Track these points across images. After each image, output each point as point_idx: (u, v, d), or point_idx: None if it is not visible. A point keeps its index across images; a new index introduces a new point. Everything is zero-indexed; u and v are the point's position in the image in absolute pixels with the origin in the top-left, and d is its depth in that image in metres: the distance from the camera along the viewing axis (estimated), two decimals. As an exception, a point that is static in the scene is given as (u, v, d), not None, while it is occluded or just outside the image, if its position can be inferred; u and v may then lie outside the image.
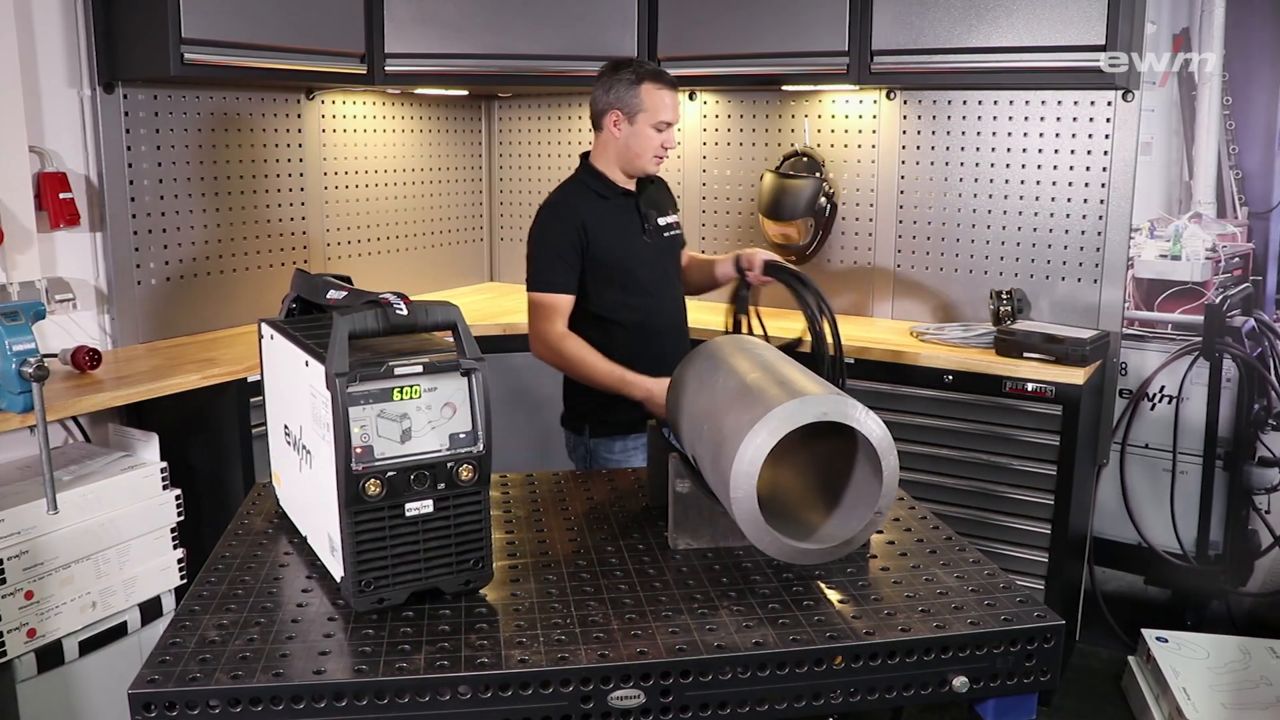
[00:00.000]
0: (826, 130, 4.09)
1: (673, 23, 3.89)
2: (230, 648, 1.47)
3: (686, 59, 3.89)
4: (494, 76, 3.99)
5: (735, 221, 4.33)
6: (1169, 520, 3.72)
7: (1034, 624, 1.56)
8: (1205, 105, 3.50)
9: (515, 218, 4.90)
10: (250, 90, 3.76)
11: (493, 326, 3.87)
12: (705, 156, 4.38)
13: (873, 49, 3.56)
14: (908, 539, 1.92)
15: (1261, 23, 3.39)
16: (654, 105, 2.85)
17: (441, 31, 3.82)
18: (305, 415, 1.67)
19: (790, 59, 3.72)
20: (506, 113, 4.83)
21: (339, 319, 1.51)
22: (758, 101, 4.23)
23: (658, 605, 1.62)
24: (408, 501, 1.55)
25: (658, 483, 2.01)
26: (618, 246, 2.90)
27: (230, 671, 1.40)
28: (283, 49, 3.41)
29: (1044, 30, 3.31)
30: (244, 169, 3.78)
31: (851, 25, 3.59)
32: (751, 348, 1.95)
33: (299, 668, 1.42)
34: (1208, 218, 3.54)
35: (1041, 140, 3.71)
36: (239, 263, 3.79)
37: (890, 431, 1.65)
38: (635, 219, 2.96)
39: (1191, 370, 3.62)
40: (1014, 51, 3.37)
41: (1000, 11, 3.36)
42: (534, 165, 4.81)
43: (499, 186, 4.92)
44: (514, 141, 4.84)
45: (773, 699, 1.48)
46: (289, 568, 1.78)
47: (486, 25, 3.88)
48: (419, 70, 3.84)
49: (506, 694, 1.41)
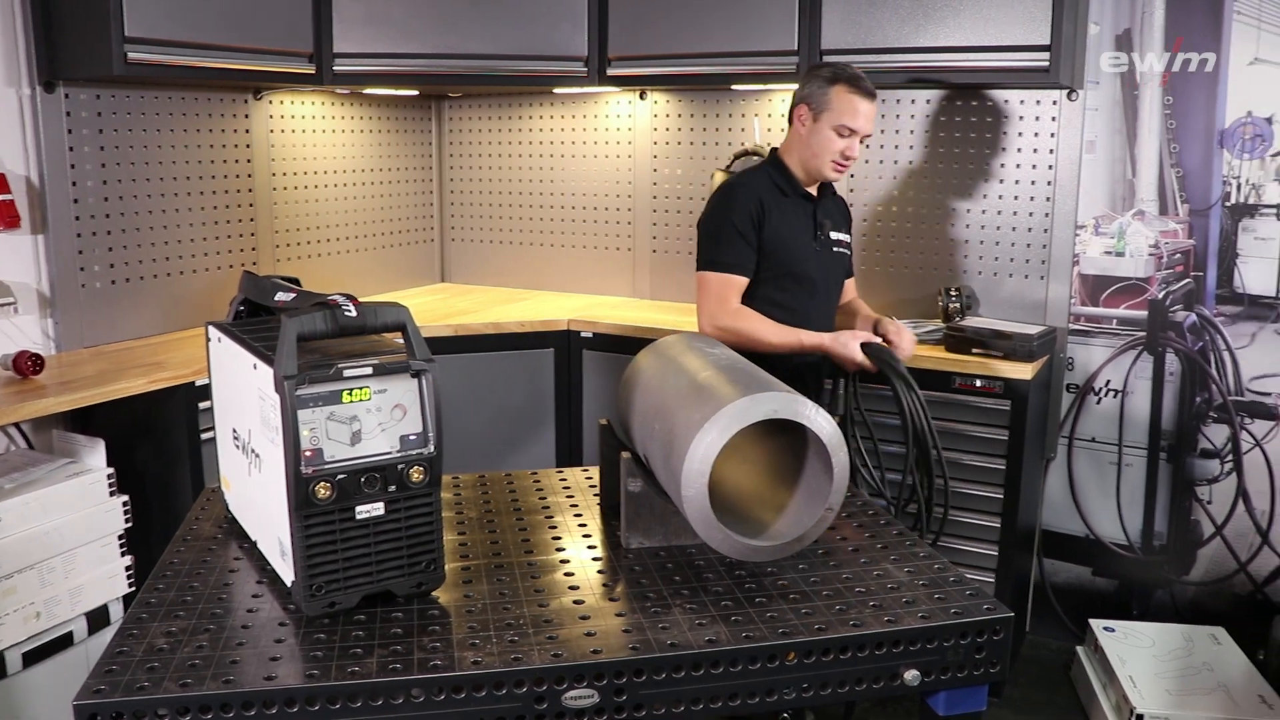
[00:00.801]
0: (777, 129, 4.11)
1: (623, 22, 3.90)
2: (179, 655, 1.46)
3: (636, 59, 3.89)
4: (444, 76, 3.97)
5: (686, 221, 4.34)
6: (1115, 512, 3.78)
7: (984, 617, 1.58)
8: (1146, 105, 3.56)
9: (466, 218, 4.88)
10: (196, 90, 3.71)
11: (444, 327, 3.85)
12: (656, 156, 4.39)
13: (822, 49, 3.58)
14: (859, 535, 1.93)
15: (1200, 24, 3.46)
16: (841, 107, 2.80)
17: (391, 31, 3.80)
18: (254, 419, 1.65)
19: (740, 58, 3.74)
20: (456, 113, 4.81)
21: (287, 321, 1.50)
22: (708, 101, 4.25)
23: (611, 604, 1.63)
24: (358, 504, 1.54)
25: (610, 482, 2.01)
26: (789, 241, 2.86)
27: (179, 680, 1.39)
28: (229, 48, 3.37)
29: (990, 30, 3.35)
30: (190, 170, 3.73)
31: (801, 25, 3.61)
32: (702, 345, 1.95)
33: (250, 674, 1.41)
34: (1150, 215, 3.60)
35: (988, 139, 3.75)
36: (186, 265, 3.75)
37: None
38: (809, 222, 2.92)
39: (1136, 365, 3.68)
40: (960, 51, 3.40)
41: (948, 12, 3.39)
42: (484, 165, 4.79)
43: (449, 187, 4.90)
44: (464, 141, 4.83)
45: (726, 696, 1.49)
46: (239, 573, 1.76)
47: (436, 25, 3.86)
48: (368, 70, 3.82)
49: (460, 696, 1.41)
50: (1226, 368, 3.56)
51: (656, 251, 4.44)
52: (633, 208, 4.48)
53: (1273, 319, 3.49)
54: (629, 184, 4.47)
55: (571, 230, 4.64)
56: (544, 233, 4.71)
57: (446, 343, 3.79)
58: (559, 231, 4.67)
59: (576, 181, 4.60)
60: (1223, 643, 3.44)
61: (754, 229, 2.82)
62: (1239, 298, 3.53)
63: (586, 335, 3.93)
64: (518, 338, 3.93)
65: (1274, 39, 3.37)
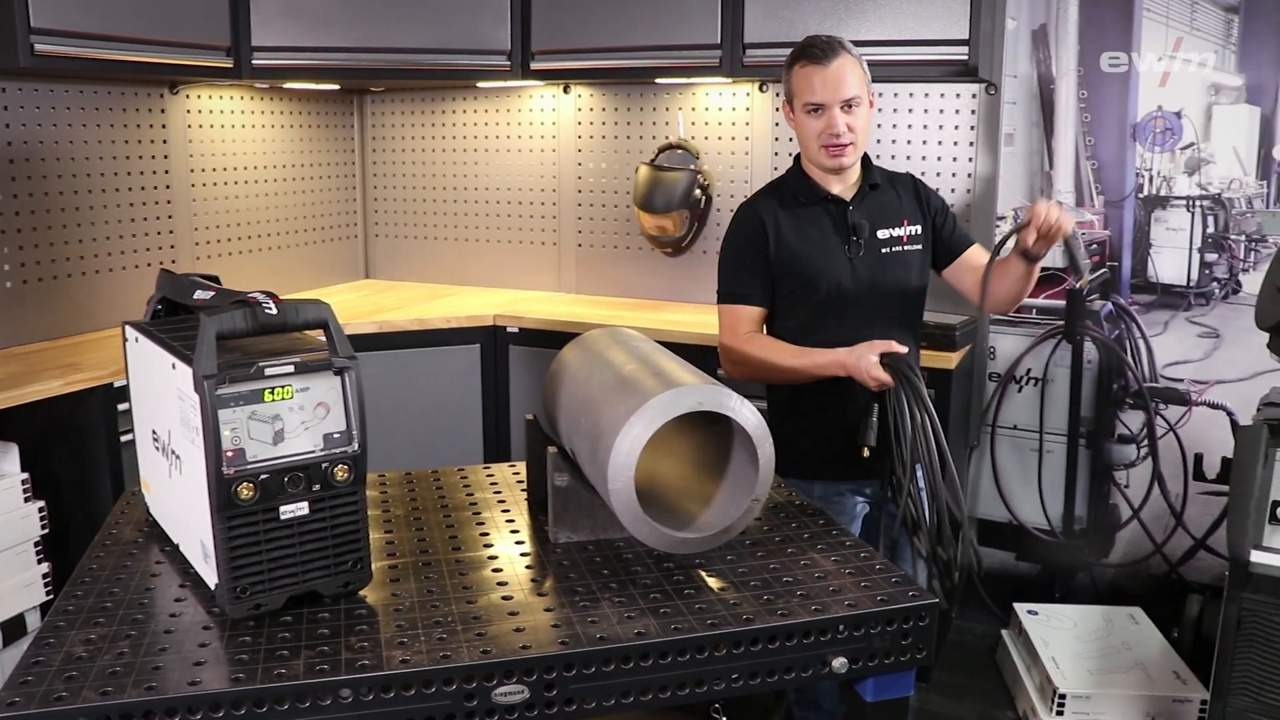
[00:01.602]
0: (701, 122, 4.13)
1: (546, 16, 3.88)
2: (99, 663, 1.42)
3: (560, 52, 3.88)
4: (365, 70, 3.93)
5: (611, 214, 4.34)
6: (1037, 498, 3.86)
7: (909, 603, 1.61)
8: (1062, 99, 3.63)
9: (390, 214, 4.84)
10: (109, 84, 3.63)
11: (369, 324, 3.81)
12: (580, 150, 4.38)
13: (745, 42, 3.60)
14: (785, 525, 1.95)
15: (1112, 21, 3.53)
16: (800, 86, 2.48)
17: (310, 24, 3.75)
18: (174, 419, 1.62)
19: (664, 52, 3.74)
20: (379, 107, 4.76)
21: (206, 319, 1.47)
22: (632, 94, 4.25)
23: (539, 599, 1.62)
24: (282, 504, 1.52)
25: (537, 477, 2.01)
26: (810, 254, 2.50)
27: (99, 688, 1.36)
28: (143, 41, 3.30)
29: (910, 24, 3.40)
30: (105, 166, 3.65)
31: (724, 19, 3.63)
32: (627, 339, 1.96)
33: (173, 679, 1.38)
34: (1067, 206, 3.67)
35: (909, 132, 3.80)
36: (101, 264, 3.67)
37: (768, 419, 1.68)
38: (840, 226, 2.52)
39: (1055, 353, 3.75)
40: (882, 45, 3.44)
41: (868, 5, 3.43)
42: (408, 160, 4.75)
43: (373, 182, 4.85)
44: (387, 136, 4.78)
45: (656, 688, 1.49)
46: (161, 577, 1.73)
47: (357, 17, 3.81)
48: (288, 64, 3.76)
49: (389, 695, 1.40)
50: (1141, 355, 3.65)
51: (582, 245, 4.44)
52: (558, 202, 4.47)
53: (1184, 307, 3.59)
54: (554, 178, 4.46)
55: (497, 225, 4.62)
56: (469, 228, 4.68)
57: (371, 340, 3.75)
58: (484, 226, 4.65)
59: (501, 176, 4.57)
60: (1140, 622, 3.54)
61: (758, 252, 2.51)
62: (1152, 287, 3.62)
63: (512, 330, 3.91)
64: (443, 334, 3.91)
65: (1182, 36, 3.46)
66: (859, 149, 2.51)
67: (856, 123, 2.47)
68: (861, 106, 2.47)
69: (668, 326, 3.68)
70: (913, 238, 2.56)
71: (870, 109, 2.52)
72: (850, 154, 2.49)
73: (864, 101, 2.47)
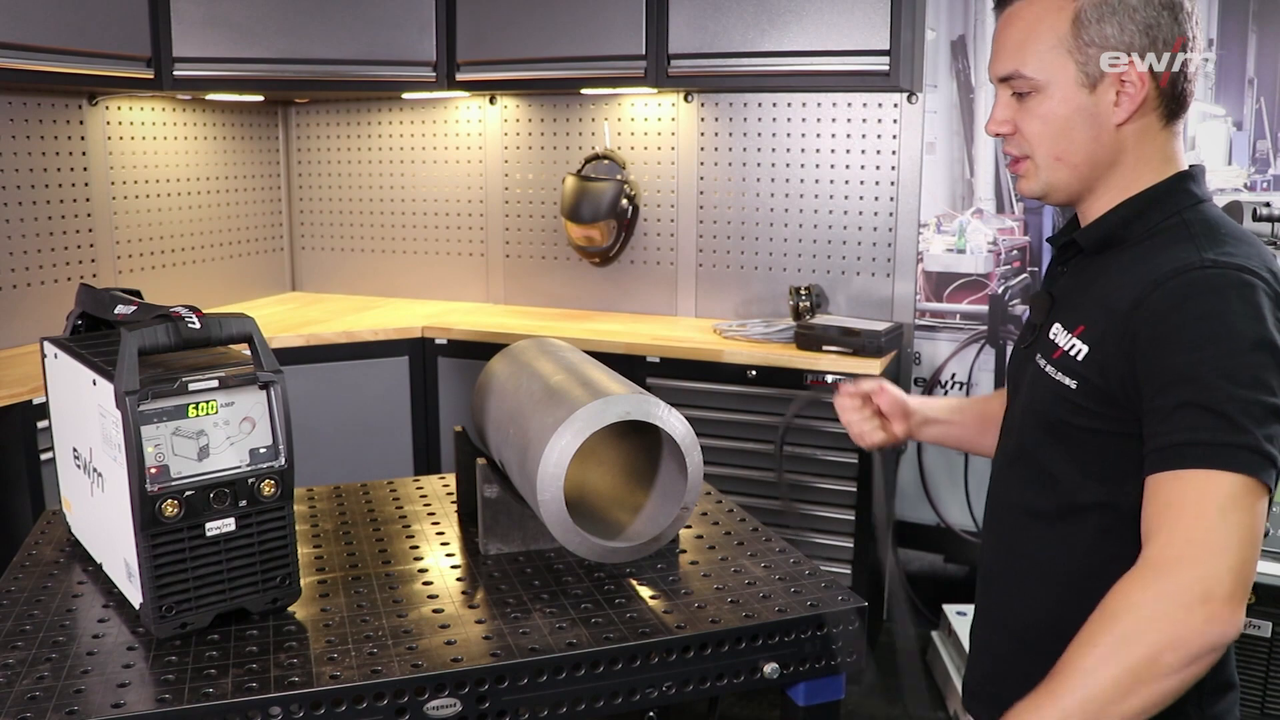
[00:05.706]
0: (627, 133, 4.15)
1: (471, 27, 3.88)
2: (17, 688, 1.39)
3: (485, 63, 3.88)
4: (289, 82, 3.89)
5: (539, 225, 4.34)
6: (964, 500, 3.92)
7: (838, 608, 1.63)
8: (982, 107, 3.70)
9: (316, 225, 4.79)
10: (25, 95, 3.55)
11: (296, 337, 3.77)
12: (507, 160, 4.38)
13: (669, 53, 3.63)
14: (715, 532, 1.96)
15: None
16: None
17: (233, 34, 3.70)
18: (95, 436, 1.60)
19: (589, 63, 3.76)
20: (304, 119, 4.72)
21: (127, 334, 1.45)
22: (558, 105, 4.26)
23: (470, 612, 1.62)
24: (208, 521, 1.50)
25: (467, 489, 2.01)
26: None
27: (17, 714, 1.33)
28: (59, 50, 3.24)
29: (832, 35, 3.44)
30: (21, 178, 3.57)
31: (649, 29, 3.65)
32: (555, 349, 1.96)
33: (96, 702, 1.36)
34: (988, 213, 3.75)
35: (834, 141, 3.85)
36: (19, 278, 3.58)
37: (697, 428, 1.70)
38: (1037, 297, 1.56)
39: (979, 358, 3.82)
40: (805, 55, 3.49)
41: (791, 17, 3.47)
42: (334, 172, 4.71)
43: (298, 195, 4.80)
44: (313, 149, 4.73)
45: (589, 698, 1.50)
46: (83, 598, 1.69)
47: (280, 28, 3.77)
48: (210, 75, 3.71)
49: (319, 712, 1.39)
50: (1061, 358, 3.73)
51: (510, 256, 4.43)
52: (485, 213, 4.46)
53: (1102, 311, 3.67)
54: (481, 189, 4.45)
55: (424, 237, 4.60)
56: (396, 239, 4.65)
57: (298, 353, 3.71)
58: (411, 238, 4.62)
59: (428, 187, 4.55)
60: (1065, 621, 3.61)
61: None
62: (1071, 291, 3.70)
63: (441, 342, 3.89)
64: (371, 346, 3.88)
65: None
66: (1047, 168, 1.42)
67: (1027, 121, 1.41)
68: (1042, 96, 1.39)
69: (596, 336, 3.69)
70: (1075, 365, 1.37)
71: (1072, 99, 1.37)
72: (1025, 171, 1.45)
73: (1048, 86, 1.38)
